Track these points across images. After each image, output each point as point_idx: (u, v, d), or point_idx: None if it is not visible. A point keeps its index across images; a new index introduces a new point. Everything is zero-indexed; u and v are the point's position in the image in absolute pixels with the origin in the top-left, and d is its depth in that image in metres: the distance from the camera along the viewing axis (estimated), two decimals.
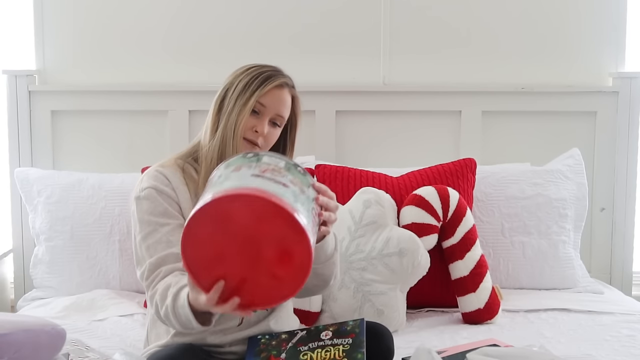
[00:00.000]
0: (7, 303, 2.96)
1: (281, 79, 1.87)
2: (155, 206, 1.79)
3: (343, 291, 2.34)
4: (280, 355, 1.72)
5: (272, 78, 1.86)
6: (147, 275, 1.75)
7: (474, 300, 2.39)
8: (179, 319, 1.64)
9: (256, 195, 1.41)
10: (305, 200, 1.51)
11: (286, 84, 1.88)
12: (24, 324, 1.69)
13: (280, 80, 1.86)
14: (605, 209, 3.00)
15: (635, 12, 3.01)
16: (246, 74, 1.86)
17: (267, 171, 1.50)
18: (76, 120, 2.97)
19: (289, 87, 1.90)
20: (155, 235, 1.76)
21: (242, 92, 1.84)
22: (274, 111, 1.86)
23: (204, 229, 1.45)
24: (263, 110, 1.85)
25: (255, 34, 2.98)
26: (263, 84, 1.84)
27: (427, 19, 3.00)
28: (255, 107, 1.84)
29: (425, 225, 2.41)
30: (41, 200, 2.73)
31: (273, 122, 1.88)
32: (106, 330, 2.31)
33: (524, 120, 3.00)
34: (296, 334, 1.78)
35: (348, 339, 1.72)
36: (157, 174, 1.84)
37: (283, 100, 1.87)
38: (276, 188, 1.45)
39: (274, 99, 1.85)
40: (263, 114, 1.85)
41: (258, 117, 1.85)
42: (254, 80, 1.84)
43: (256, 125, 1.84)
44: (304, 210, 1.48)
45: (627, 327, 2.29)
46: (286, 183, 1.49)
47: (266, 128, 1.85)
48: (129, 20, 2.97)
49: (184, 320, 1.63)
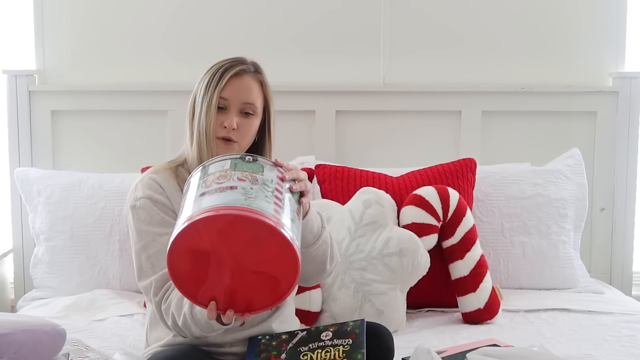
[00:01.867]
0: (7, 303, 2.96)
1: (238, 67, 1.84)
2: (151, 216, 1.79)
3: (343, 291, 2.34)
4: (281, 356, 1.72)
5: (229, 69, 1.83)
6: (154, 291, 1.74)
7: (474, 300, 2.39)
8: (199, 324, 1.65)
9: (206, 217, 1.43)
10: (260, 189, 1.50)
11: (245, 71, 1.84)
12: (24, 324, 1.69)
13: (236, 69, 1.83)
14: (605, 209, 3.00)
15: (635, 12, 3.01)
16: (207, 73, 1.85)
17: (213, 182, 1.50)
18: (76, 120, 2.97)
19: (250, 73, 1.86)
20: (155, 246, 1.76)
21: (205, 93, 1.83)
22: (238, 101, 1.83)
23: (180, 262, 1.48)
24: (227, 104, 1.82)
25: (255, 33, 2.98)
26: (221, 78, 1.82)
27: (427, 19, 3.00)
28: (220, 103, 1.82)
29: (425, 225, 2.41)
30: (41, 200, 2.73)
31: (245, 113, 1.84)
32: (106, 330, 2.31)
33: (523, 120, 3.00)
34: (296, 334, 1.78)
35: (348, 340, 1.71)
36: (150, 182, 1.83)
37: (244, 88, 1.84)
38: (223, 197, 1.45)
39: (234, 89, 1.82)
40: (229, 108, 1.83)
41: (225, 112, 1.83)
42: (213, 77, 1.83)
43: (224, 121, 1.82)
44: (262, 199, 1.47)
45: (627, 327, 2.29)
46: (233, 185, 1.49)
47: (235, 120, 1.82)
48: (129, 20, 2.97)
49: (204, 324, 1.63)
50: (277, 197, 1.51)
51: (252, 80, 1.86)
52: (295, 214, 1.55)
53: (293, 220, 1.51)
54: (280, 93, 2.78)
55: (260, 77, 1.88)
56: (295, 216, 1.54)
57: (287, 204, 1.53)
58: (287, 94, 2.87)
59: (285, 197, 1.54)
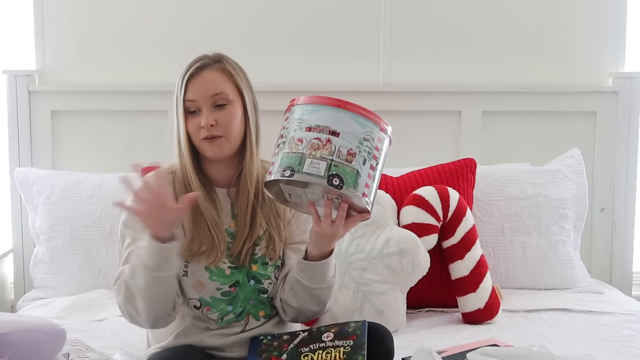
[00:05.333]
0: (7, 303, 2.96)
1: (195, 65, 1.81)
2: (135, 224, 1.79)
3: (343, 291, 2.34)
4: (282, 357, 1.72)
5: (187, 72, 1.80)
6: (113, 282, 1.78)
7: (474, 300, 2.39)
8: (135, 269, 1.67)
9: None
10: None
11: (204, 65, 1.81)
12: (24, 324, 1.69)
13: (194, 68, 1.80)
14: (605, 209, 3.00)
15: (635, 12, 3.01)
16: (176, 84, 1.83)
17: None
18: (76, 120, 2.97)
19: (210, 65, 1.81)
20: (126, 250, 1.79)
21: (175, 103, 1.82)
22: (205, 97, 1.79)
23: None
24: (197, 105, 1.80)
25: (254, 34, 2.98)
26: (182, 83, 1.80)
27: (427, 19, 3.00)
28: (191, 107, 1.80)
29: (425, 225, 2.41)
30: (41, 200, 2.73)
31: (218, 105, 1.80)
32: (106, 330, 2.31)
33: (524, 120, 3.00)
34: (298, 335, 1.78)
35: (349, 341, 1.71)
36: None
37: (206, 82, 1.79)
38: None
39: (196, 88, 1.79)
40: (201, 108, 1.80)
41: (198, 114, 1.80)
42: (177, 84, 1.81)
43: (200, 122, 1.79)
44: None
45: (627, 327, 2.29)
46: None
47: (210, 117, 1.78)
48: (128, 20, 2.97)
49: (138, 263, 1.66)
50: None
51: (214, 72, 1.81)
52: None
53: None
54: (280, 93, 2.81)
55: (222, 65, 1.83)
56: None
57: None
58: (287, 94, 2.83)
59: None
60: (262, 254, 1.85)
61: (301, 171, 1.58)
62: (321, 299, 1.82)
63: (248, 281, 1.83)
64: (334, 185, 1.58)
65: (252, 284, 1.84)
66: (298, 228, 1.91)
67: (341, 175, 1.59)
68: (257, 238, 1.84)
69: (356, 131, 1.62)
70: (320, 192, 1.66)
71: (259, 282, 1.84)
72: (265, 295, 1.85)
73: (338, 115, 1.62)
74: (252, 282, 1.84)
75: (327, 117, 1.62)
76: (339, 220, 1.69)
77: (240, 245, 1.82)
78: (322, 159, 1.59)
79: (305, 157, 1.59)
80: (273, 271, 1.86)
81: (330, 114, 1.62)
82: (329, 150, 1.59)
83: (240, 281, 1.83)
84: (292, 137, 1.63)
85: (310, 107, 1.65)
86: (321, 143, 1.60)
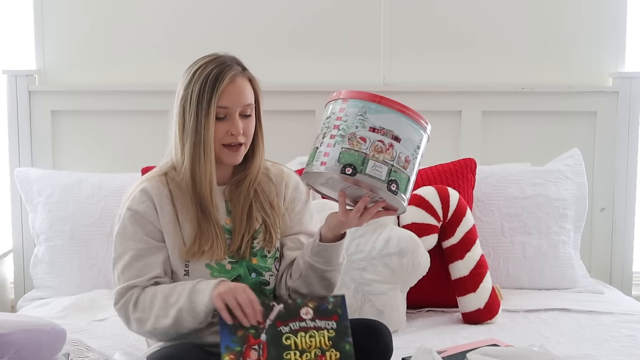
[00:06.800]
0: (7, 303, 2.96)
1: (229, 71, 1.78)
2: (134, 231, 1.81)
3: (343, 291, 2.33)
4: (260, 337, 1.67)
5: (221, 76, 1.76)
6: (115, 300, 1.79)
7: (474, 300, 2.39)
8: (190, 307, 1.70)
9: None
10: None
11: (236, 74, 1.79)
12: (24, 324, 1.70)
13: (230, 74, 1.77)
14: (605, 209, 3.00)
15: (635, 12, 3.01)
16: (195, 81, 1.77)
17: None
18: (76, 120, 2.97)
19: (240, 73, 1.80)
20: (124, 259, 1.79)
21: (199, 104, 1.76)
22: (238, 106, 1.79)
23: None
24: (227, 112, 1.78)
25: (254, 33, 2.97)
26: (215, 86, 1.76)
27: (427, 19, 2.99)
28: (220, 113, 1.77)
29: (425, 225, 2.41)
30: (41, 200, 2.73)
31: (243, 115, 1.81)
32: (106, 330, 2.31)
33: (524, 120, 3.00)
34: (272, 307, 1.71)
35: (332, 322, 1.70)
36: (141, 196, 1.83)
37: (240, 92, 1.79)
38: None
39: (232, 95, 1.77)
40: (230, 115, 1.78)
41: (227, 120, 1.78)
42: (204, 85, 1.76)
43: (229, 129, 1.78)
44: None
45: (627, 327, 2.29)
46: None
47: (240, 126, 1.78)
48: (128, 20, 2.97)
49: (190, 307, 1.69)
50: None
51: (244, 81, 1.81)
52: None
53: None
54: (280, 93, 2.82)
55: (248, 74, 1.83)
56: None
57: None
58: (287, 94, 2.87)
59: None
60: (260, 246, 1.87)
61: (364, 172, 1.63)
62: (331, 282, 1.85)
63: (249, 274, 1.85)
64: (391, 191, 1.64)
65: (253, 277, 1.85)
66: (293, 220, 1.94)
67: (398, 181, 1.65)
68: (255, 231, 1.86)
69: (414, 139, 1.69)
70: (366, 189, 1.68)
71: (260, 275, 1.86)
72: (267, 287, 1.87)
73: (400, 121, 1.68)
74: (253, 275, 1.85)
75: (390, 121, 1.67)
76: (367, 216, 1.73)
77: (239, 241, 1.84)
78: (385, 163, 1.64)
79: (369, 158, 1.63)
80: (273, 263, 1.88)
81: (394, 119, 1.67)
82: (390, 155, 1.65)
83: (242, 275, 1.84)
84: (353, 134, 1.66)
85: (373, 106, 1.67)
86: (384, 147, 1.65)
